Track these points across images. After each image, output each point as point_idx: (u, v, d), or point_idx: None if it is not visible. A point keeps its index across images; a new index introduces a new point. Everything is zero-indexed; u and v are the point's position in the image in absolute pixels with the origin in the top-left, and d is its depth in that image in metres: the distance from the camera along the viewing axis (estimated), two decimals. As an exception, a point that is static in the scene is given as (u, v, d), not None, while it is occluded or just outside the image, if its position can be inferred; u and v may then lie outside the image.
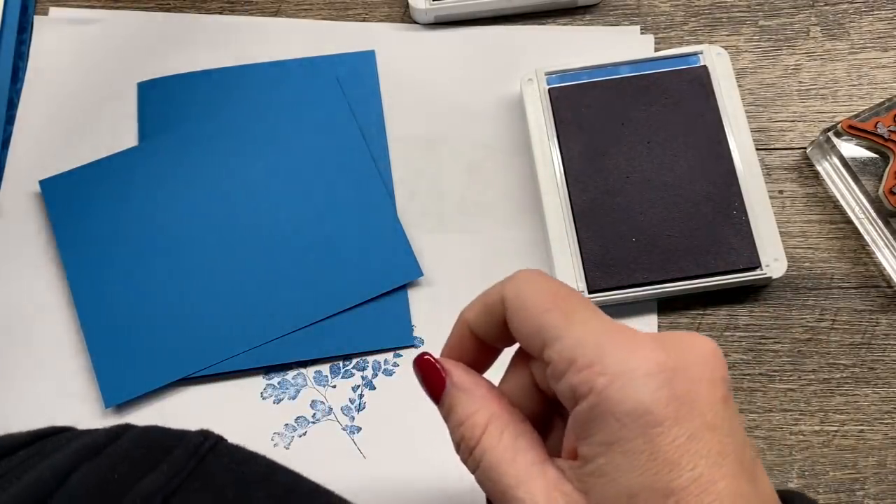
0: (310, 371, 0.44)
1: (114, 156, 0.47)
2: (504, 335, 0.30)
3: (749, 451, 0.28)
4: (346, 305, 0.44)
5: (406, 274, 0.45)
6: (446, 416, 0.31)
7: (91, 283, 0.45)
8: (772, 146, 0.49)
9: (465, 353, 0.32)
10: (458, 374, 0.31)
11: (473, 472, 0.30)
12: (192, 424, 0.43)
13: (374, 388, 0.44)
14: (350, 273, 0.45)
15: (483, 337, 0.31)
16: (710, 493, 0.26)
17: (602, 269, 0.44)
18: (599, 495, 0.27)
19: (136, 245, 0.45)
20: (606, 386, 0.26)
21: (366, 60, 0.50)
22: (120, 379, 0.43)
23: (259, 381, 0.44)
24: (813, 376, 0.45)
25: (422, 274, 0.45)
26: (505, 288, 0.30)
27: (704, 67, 0.48)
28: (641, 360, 0.27)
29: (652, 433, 0.26)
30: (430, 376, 0.31)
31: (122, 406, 0.43)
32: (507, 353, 0.31)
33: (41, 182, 0.47)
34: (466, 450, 0.30)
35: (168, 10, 0.51)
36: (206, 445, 0.27)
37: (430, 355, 0.31)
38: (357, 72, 0.49)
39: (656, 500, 0.26)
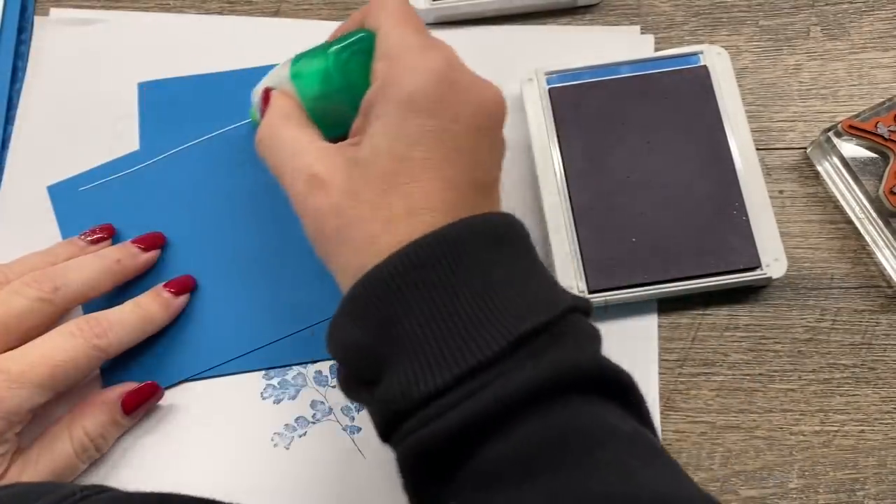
0: (310, 371, 0.44)
1: (119, 159, 0.47)
2: None
3: (489, 179, 0.35)
4: None
5: None
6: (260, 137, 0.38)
7: None
8: (772, 146, 0.49)
9: None
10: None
11: (265, 148, 0.38)
12: (193, 425, 0.43)
13: (374, 388, 0.44)
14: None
15: None
16: (435, 172, 0.33)
17: (602, 269, 0.44)
18: (355, 156, 0.34)
19: None
20: (394, 75, 0.34)
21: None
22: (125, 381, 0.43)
23: (259, 382, 0.44)
24: (813, 376, 0.45)
25: None
26: (368, 15, 0.37)
27: (704, 67, 0.48)
28: (429, 64, 0.34)
29: (408, 115, 0.33)
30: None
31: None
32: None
33: (49, 188, 0.47)
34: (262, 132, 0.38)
35: (168, 10, 0.51)
36: (76, 498, 0.29)
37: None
38: None
39: (390, 160, 0.33)
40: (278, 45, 0.50)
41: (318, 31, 0.50)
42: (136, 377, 0.43)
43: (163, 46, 0.50)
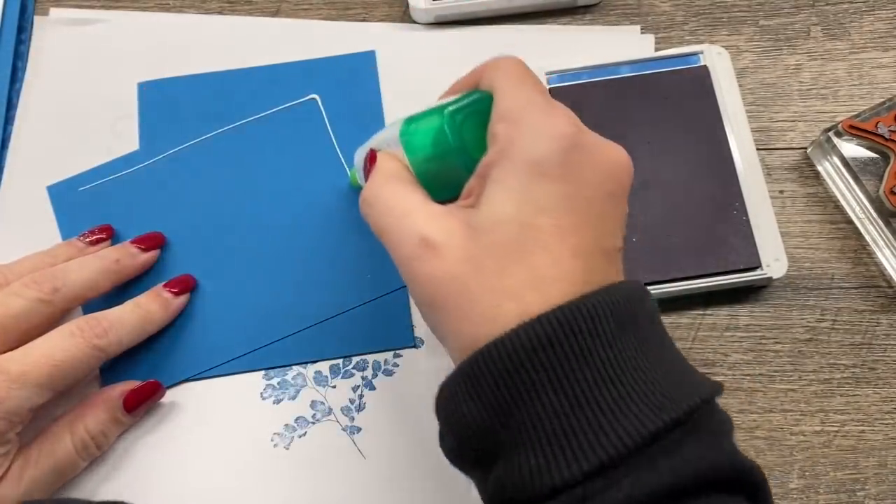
0: (310, 371, 0.44)
1: (119, 159, 0.47)
2: None
3: (616, 244, 0.33)
4: (346, 307, 0.44)
5: None
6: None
7: None
8: (772, 146, 0.49)
9: None
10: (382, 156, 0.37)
11: (370, 208, 0.35)
12: (193, 425, 0.43)
13: (374, 388, 0.44)
14: (350, 274, 0.45)
15: None
16: (562, 241, 0.31)
17: (602, 270, 0.44)
18: (473, 221, 0.32)
19: None
20: (516, 136, 0.32)
21: (366, 61, 0.49)
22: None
23: (259, 382, 0.44)
24: (813, 376, 0.45)
25: None
26: (484, 75, 0.36)
27: (705, 67, 0.48)
28: (553, 126, 0.32)
29: (534, 179, 0.31)
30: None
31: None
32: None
33: (49, 188, 0.47)
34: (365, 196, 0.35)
35: (168, 10, 0.51)
36: None
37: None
38: (357, 72, 0.49)
39: (514, 227, 0.31)
40: (278, 45, 0.50)
41: (318, 31, 0.50)
42: (137, 377, 0.43)
43: (163, 46, 0.50)
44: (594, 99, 0.47)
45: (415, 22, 0.51)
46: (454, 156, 0.35)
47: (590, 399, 0.28)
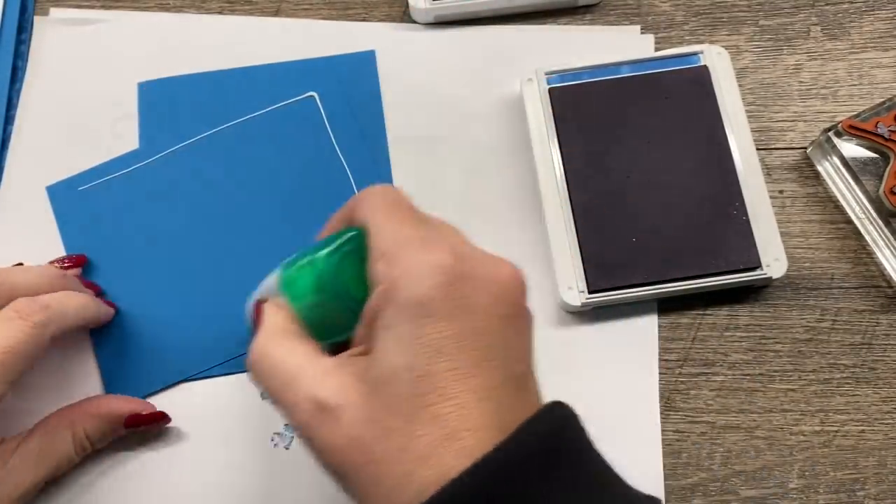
0: (310, 371, 0.44)
1: (118, 158, 0.47)
2: None
3: (523, 368, 0.31)
4: None
5: None
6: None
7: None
8: (772, 146, 0.49)
9: None
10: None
11: (259, 372, 0.33)
12: (192, 424, 0.43)
13: (373, 388, 0.44)
14: None
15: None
16: (465, 384, 0.28)
17: (602, 269, 0.44)
18: (367, 375, 0.30)
19: (140, 247, 0.45)
20: (396, 277, 0.30)
21: (365, 60, 0.49)
22: (125, 380, 0.43)
23: (259, 382, 0.44)
24: (813, 376, 0.45)
25: None
26: (356, 210, 0.34)
27: (705, 67, 0.48)
28: (432, 261, 0.30)
29: (422, 321, 0.29)
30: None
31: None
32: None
33: (48, 188, 0.47)
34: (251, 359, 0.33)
35: (168, 10, 0.51)
36: None
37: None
38: (357, 72, 0.49)
39: (411, 378, 0.28)
40: (278, 45, 0.50)
41: (318, 31, 0.50)
42: (137, 376, 0.43)
43: (163, 46, 0.50)
44: (594, 99, 0.47)
45: (415, 22, 0.51)
46: (337, 301, 0.34)
47: None
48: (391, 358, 0.29)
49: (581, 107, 0.47)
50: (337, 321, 0.34)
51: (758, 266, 0.44)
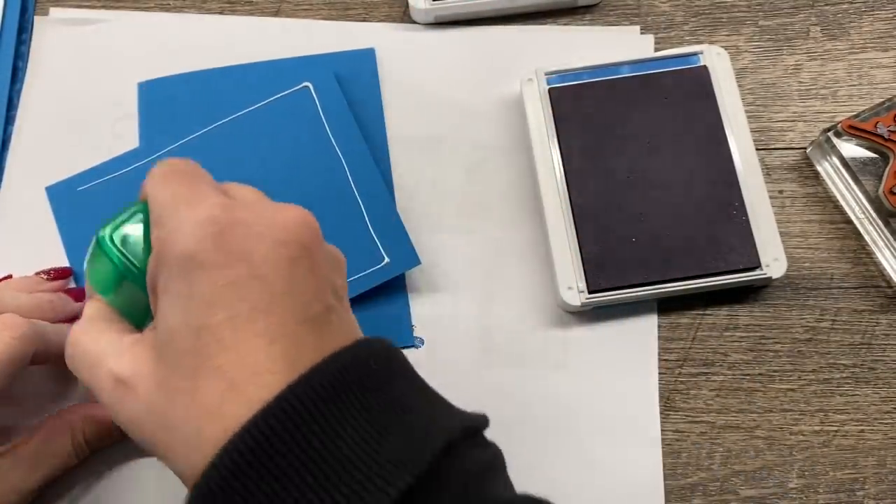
0: (310, 371, 0.44)
1: (117, 158, 0.47)
2: None
3: (320, 308, 0.29)
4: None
5: (404, 263, 0.45)
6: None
7: None
8: (772, 146, 0.49)
9: None
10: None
11: (70, 359, 0.33)
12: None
13: (373, 388, 0.44)
14: (348, 265, 0.44)
15: None
16: (247, 331, 0.28)
17: (602, 269, 0.44)
18: (156, 342, 0.29)
19: None
20: (165, 237, 0.29)
21: (365, 58, 0.49)
22: None
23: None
24: (813, 376, 0.45)
25: (420, 262, 0.45)
26: (143, 185, 0.33)
27: (704, 67, 0.48)
28: (199, 214, 0.29)
29: (192, 276, 0.28)
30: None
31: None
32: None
33: (47, 189, 0.47)
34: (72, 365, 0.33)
35: (168, 10, 0.51)
36: None
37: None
38: (356, 70, 0.49)
39: (189, 335, 0.28)
40: (278, 45, 0.50)
41: (318, 31, 0.50)
42: None
43: (163, 46, 0.50)
44: (594, 99, 0.47)
45: (415, 22, 0.51)
46: (130, 278, 0.33)
47: (304, 499, 0.25)
48: (169, 319, 0.29)
49: (581, 107, 0.47)
50: (144, 301, 0.32)
51: (757, 266, 0.44)
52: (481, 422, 0.29)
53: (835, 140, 0.46)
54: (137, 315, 0.34)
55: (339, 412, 0.26)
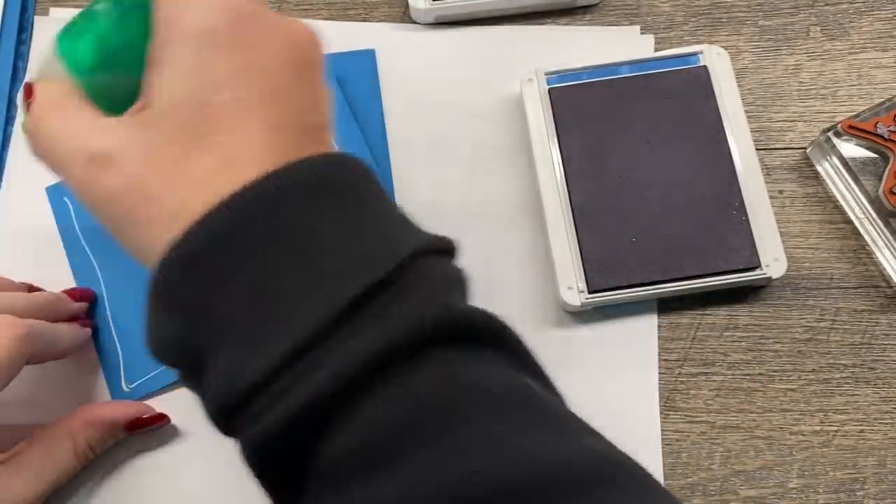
0: (310, 371, 0.44)
1: None
2: None
3: (318, 119, 0.29)
4: None
5: None
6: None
7: (92, 284, 0.45)
8: (772, 146, 0.49)
9: None
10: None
11: (37, 145, 0.31)
12: (192, 425, 0.43)
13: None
14: None
15: None
16: (250, 117, 0.27)
17: (602, 269, 0.44)
18: (146, 116, 0.28)
19: None
20: (182, 10, 0.28)
21: (366, 59, 0.49)
22: (127, 378, 0.43)
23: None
24: (813, 376, 0.45)
25: None
26: None
27: (704, 67, 0.48)
28: (211, 18, 0.28)
29: (207, 51, 0.28)
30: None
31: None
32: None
33: (47, 189, 0.47)
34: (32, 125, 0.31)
35: (168, 10, 0.51)
36: None
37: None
38: (357, 71, 0.49)
39: (191, 108, 0.27)
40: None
41: (317, 31, 0.50)
42: (138, 375, 0.43)
43: (163, 46, 0.50)
44: (594, 99, 0.47)
45: (415, 22, 0.51)
46: (123, 56, 0.30)
47: (276, 283, 0.25)
48: (172, 90, 0.28)
49: (581, 107, 0.47)
50: (126, 87, 0.30)
51: (757, 266, 0.44)
52: (452, 244, 0.29)
53: (835, 140, 0.46)
54: (112, 102, 0.30)
55: (321, 205, 0.26)
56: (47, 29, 0.50)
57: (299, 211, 0.26)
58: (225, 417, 0.26)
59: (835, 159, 0.47)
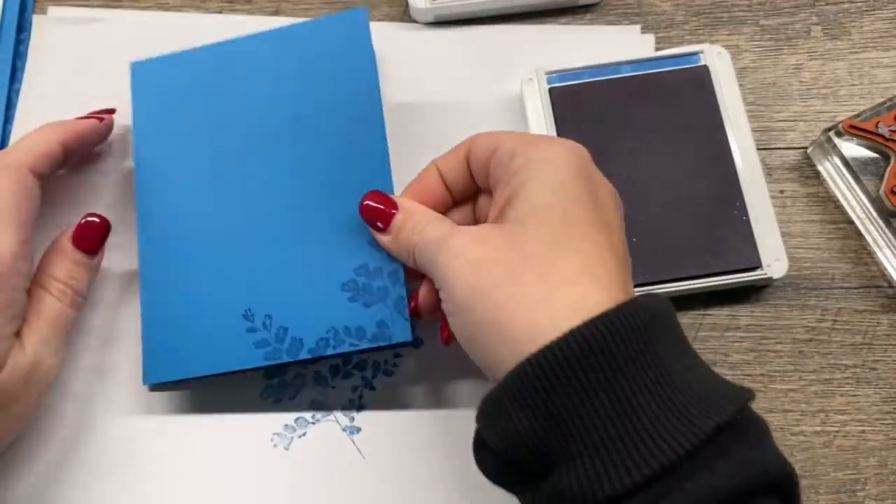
0: (309, 371, 0.44)
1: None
2: (463, 179, 0.39)
3: (628, 259, 0.34)
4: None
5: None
6: (399, 229, 0.38)
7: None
8: (773, 146, 0.49)
9: (423, 197, 0.39)
10: (404, 199, 0.39)
11: (407, 250, 0.37)
12: (192, 425, 0.43)
13: (373, 388, 0.44)
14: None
15: (445, 176, 0.39)
16: (601, 234, 0.33)
17: (602, 269, 0.44)
18: (507, 216, 0.33)
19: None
20: (538, 154, 0.34)
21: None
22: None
23: (259, 382, 0.44)
24: (814, 377, 0.45)
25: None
26: (474, 137, 0.38)
27: (705, 67, 0.48)
28: (569, 146, 0.35)
29: (564, 178, 0.33)
30: (382, 202, 0.38)
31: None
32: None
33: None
34: (410, 239, 0.37)
35: (167, 10, 0.51)
36: None
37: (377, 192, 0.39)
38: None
39: (559, 212, 0.32)
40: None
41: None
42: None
43: (162, 46, 0.50)
44: (594, 99, 0.47)
45: (415, 22, 0.51)
46: None
47: (642, 402, 0.28)
48: (536, 200, 0.33)
49: (581, 107, 0.47)
50: None
51: (758, 266, 0.44)
52: (753, 393, 0.31)
53: (836, 140, 0.46)
54: None
55: (664, 340, 0.30)
56: (47, 28, 0.50)
57: (653, 342, 0.29)
58: None
59: (836, 159, 0.47)
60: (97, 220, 0.42)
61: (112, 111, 0.47)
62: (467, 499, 0.41)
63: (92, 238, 0.42)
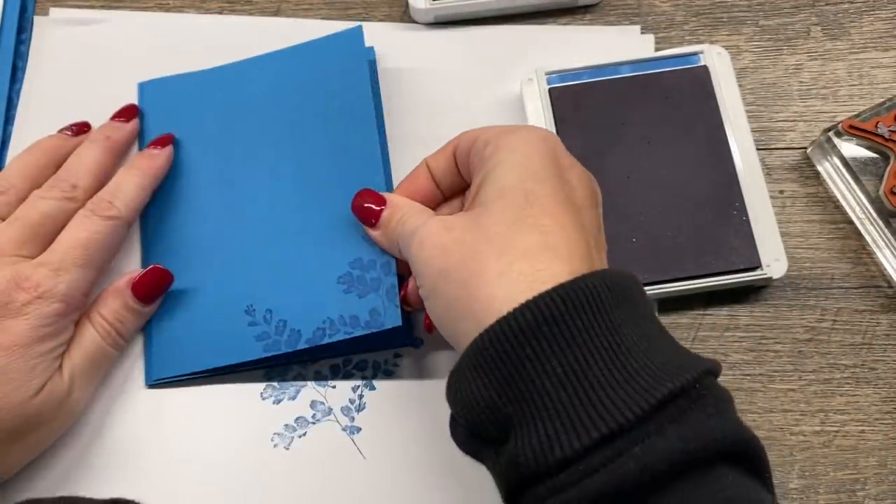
0: (309, 371, 0.44)
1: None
2: (451, 174, 0.40)
3: (599, 241, 0.36)
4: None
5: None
6: (386, 223, 0.39)
7: None
8: (772, 146, 0.49)
9: (413, 193, 0.40)
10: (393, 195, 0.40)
11: (393, 241, 0.39)
12: (192, 425, 0.43)
13: (373, 388, 0.44)
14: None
15: (434, 173, 0.40)
16: (565, 212, 0.33)
17: (602, 270, 0.44)
18: (474, 202, 0.35)
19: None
20: (506, 139, 0.36)
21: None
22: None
23: (259, 382, 0.44)
24: (813, 376, 0.45)
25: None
26: (461, 134, 0.40)
27: (705, 67, 0.48)
28: (539, 132, 0.37)
29: (532, 156, 0.35)
30: (372, 199, 0.40)
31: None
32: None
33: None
34: (395, 231, 0.39)
35: (168, 10, 0.51)
36: None
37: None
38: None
39: (521, 193, 0.33)
40: (278, 44, 0.50)
41: (317, 31, 0.50)
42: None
43: (163, 46, 0.50)
44: (594, 99, 0.47)
45: (415, 22, 0.51)
46: None
47: (594, 369, 0.28)
48: (501, 182, 0.34)
49: (581, 107, 0.47)
50: None
51: (758, 266, 0.44)
52: (720, 367, 0.32)
53: (835, 140, 0.46)
54: None
55: (623, 311, 0.30)
56: (47, 29, 0.50)
57: (608, 311, 0.30)
58: (524, 481, 0.28)
59: (835, 159, 0.47)
60: (163, 273, 0.43)
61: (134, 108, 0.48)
62: (467, 499, 0.41)
63: (152, 289, 0.43)
